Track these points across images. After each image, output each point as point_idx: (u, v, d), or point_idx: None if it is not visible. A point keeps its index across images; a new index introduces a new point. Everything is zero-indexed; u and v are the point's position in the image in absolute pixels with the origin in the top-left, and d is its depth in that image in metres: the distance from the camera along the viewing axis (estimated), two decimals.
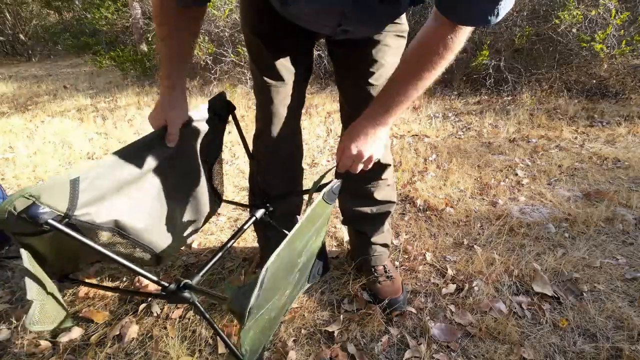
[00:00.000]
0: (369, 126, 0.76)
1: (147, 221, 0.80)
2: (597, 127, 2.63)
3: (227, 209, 1.70)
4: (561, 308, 1.09)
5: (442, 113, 3.11)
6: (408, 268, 1.27)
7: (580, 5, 3.20)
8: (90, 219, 0.66)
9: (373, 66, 0.89)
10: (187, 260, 1.34)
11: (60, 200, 0.59)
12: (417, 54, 0.70)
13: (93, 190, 0.64)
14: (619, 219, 1.50)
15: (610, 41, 3.13)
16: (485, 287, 1.16)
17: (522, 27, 3.53)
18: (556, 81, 3.41)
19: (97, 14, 5.31)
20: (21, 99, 4.15)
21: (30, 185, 0.53)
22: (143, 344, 1.00)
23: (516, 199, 1.71)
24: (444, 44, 0.66)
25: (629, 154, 2.13)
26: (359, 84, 0.91)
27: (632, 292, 1.13)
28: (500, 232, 1.45)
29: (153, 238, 0.82)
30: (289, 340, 1.00)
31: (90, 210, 0.65)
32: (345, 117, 1.03)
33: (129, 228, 0.75)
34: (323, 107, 3.36)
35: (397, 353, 0.97)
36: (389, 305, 1.07)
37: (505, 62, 3.54)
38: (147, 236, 0.80)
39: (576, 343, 0.97)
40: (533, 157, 2.18)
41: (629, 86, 3.24)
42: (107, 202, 0.69)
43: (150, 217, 0.81)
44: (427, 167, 2.07)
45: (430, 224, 1.54)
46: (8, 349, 0.99)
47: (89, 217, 0.65)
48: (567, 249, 1.34)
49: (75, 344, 1.00)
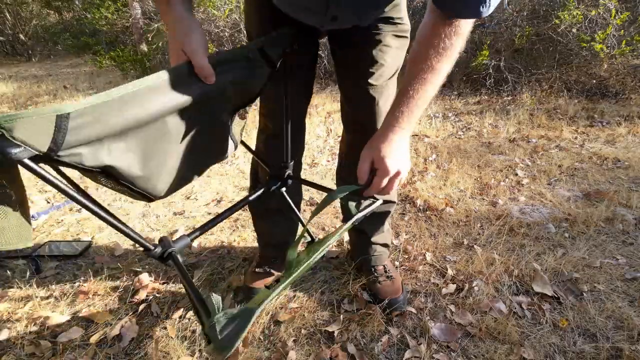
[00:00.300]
0: (393, 135, 0.72)
1: (148, 169, 0.69)
2: (597, 127, 2.63)
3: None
4: (561, 308, 1.09)
5: (442, 113, 3.11)
6: (408, 268, 1.27)
7: (580, 5, 3.20)
8: (78, 160, 0.54)
9: (373, 66, 0.89)
10: (187, 260, 1.34)
11: (40, 136, 0.48)
12: (420, 52, 0.70)
13: (88, 129, 0.53)
14: (619, 219, 1.50)
15: (610, 41, 3.13)
16: (485, 287, 1.16)
17: (522, 27, 3.53)
18: (556, 81, 3.41)
19: (97, 14, 5.31)
20: (21, 99, 4.15)
21: (9, 114, 0.44)
22: (143, 344, 1.00)
23: (516, 199, 1.71)
24: (442, 38, 0.65)
25: (629, 154, 2.13)
26: (359, 83, 0.92)
27: (632, 292, 1.13)
28: (500, 232, 1.45)
29: (150, 185, 0.71)
30: (289, 340, 1.00)
31: (82, 151, 0.54)
32: (345, 117, 1.03)
33: (125, 175, 0.64)
34: (323, 107, 3.36)
35: (397, 353, 0.97)
36: (389, 305, 1.07)
37: (505, 62, 3.54)
38: (143, 184, 0.69)
39: (576, 343, 0.97)
40: (533, 157, 2.18)
41: (629, 86, 3.24)
42: (104, 145, 0.57)
43: (152, 165, 0.69)
44: (427, 167, 2.07)
45: (430, 224, 1.54)
46: (8, 349, 0.99)
47: (77, 159, 0.54)
48: (567, 249, 1.34)
49: (75, 344, 1.00)
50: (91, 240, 1.46)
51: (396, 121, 0.72)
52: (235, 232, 1.52)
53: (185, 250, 1.41)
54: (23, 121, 0.46)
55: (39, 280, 1.24)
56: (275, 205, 1.11)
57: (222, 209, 1.70)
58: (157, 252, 0.67)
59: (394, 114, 0.72)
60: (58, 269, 1.31)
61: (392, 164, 0.71)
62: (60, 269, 1.31)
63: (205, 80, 0.65)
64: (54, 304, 1.15)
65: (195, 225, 1.57)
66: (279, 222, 1.16)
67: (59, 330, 1.04)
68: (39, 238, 1.50)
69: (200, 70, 0.63)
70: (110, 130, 0.56)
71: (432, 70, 0.69)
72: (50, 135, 0.48)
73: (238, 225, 1.57)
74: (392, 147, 0.71)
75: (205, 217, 1.64)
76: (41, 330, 1.04)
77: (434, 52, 0.67)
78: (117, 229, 0.62)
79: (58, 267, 1.32)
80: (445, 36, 0.65)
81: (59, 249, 1.40)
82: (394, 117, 0.72)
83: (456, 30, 0.65)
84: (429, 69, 0.68)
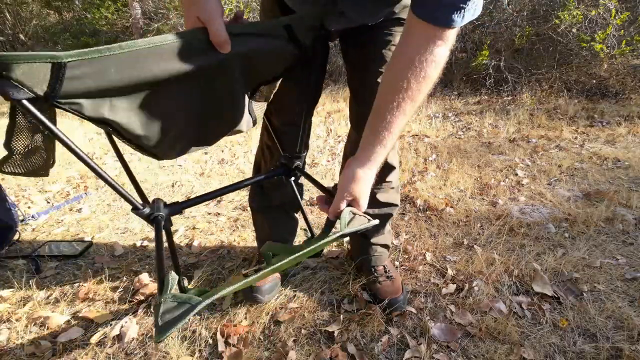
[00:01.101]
0: (364, 173, 0.69)
1: (151, 131, 0.66)
2: (597, 127, 2.63)
3: (227, 209, 1.70)
4: (561, 308, 1.09)
5: (442, 113, 3.11)
6: (408, 268, 1.27)
7: (580, 5, 3.20)
8: (77, 109, 0.54)
9: (382, 66, 0.89)
10: (187, 260, 1.34)
11: (37, 80, 0.48)
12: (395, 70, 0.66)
13: (87, 81, 0.52)
14: (619, 219, 1.50)
15: (610, 41, 3.14)
16: (485, 287, 1.16)
17: (522, 27, 3.53)
18: (556, 81, 3.41)
19: (97, 14, 5.32)
20: None
21: (5, 53, 0.45)
22: (143, 344, 1.00)
23: (516, 199, 1.71)
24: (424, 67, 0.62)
25: (629, 154, 2.13)
26: (368, 83, 0.92)
27: (632, 292, 1.13)
28: (500, 232, 1.45)
29: (152, 143, 0.68)
30: (289, 340, 1.00)
31: (82, 102, 0.54)
32: (355, 116, 1.03)
33: (125, 130, 0.62)
34: (323, 107, 3.36)
35: (397, 353, 0.97)
36: (389, 305, 1.07)
37: (505, 62, 3.54)
38: (145, 142, 0.66)
39: (576, 343, 0.97)
40: (533, 157, 2.18)
41: (629, 86, 3.24)
42: (106, 100, 0.56)
43: (155, 127, 0.66)
44: (427, 167, 2.07)
45: (430, 224, 1.54)
46: (8, 349, 0.99)
47: (76, 107, 0.54)
48: (567, 249, 1.34)
49: (75, 344, 1.00)
50: (91, 240, 1.46)
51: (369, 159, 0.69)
52: (235, 232, 1.52)
53: (184, 252, 1.41)
54: (20, 64, 0.45)
55: (39, 280, 1.24)
56: (277, 202, 1.11)
57: (222, 209, 1.70)
58: (145, 212, 0.66)
59: (369, 148, 0.69)
60: (58, 269, 1.31)
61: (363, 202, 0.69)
62: (60, 269, 1.31)
63: (220, 49, 0.60)
64: (54, 304, 1.15)
65: (195, 225, 1.57)
66: (279, 220, 1.16)
67: (59, 330, 1.04)
68: (39, 238, 1.50)
69: (216, 37, 0.58)
70: (110, 86, 0.54)
71: (411, 100, 0.65)
72: (46, 80, 0.48)
73: (238, 225, 1.57)
74: (363, 188, 0.69)
75: (205, 217, 1.64)
76: (41, 330, 1.04)
77: (414, 82, 0.63)
78: (107, 182, 0.61)
79: (58, 267, 1.32)
80: (427, 64, 0.62)
81: (59, 249, 1.40)
82: (368, 152, 0.69)
83: (437, 59, 0.63)
84: (408, 99, 0.65)
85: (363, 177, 0.68)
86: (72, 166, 2.26)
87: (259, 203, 1.16)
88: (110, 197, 1.84)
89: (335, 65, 4.35)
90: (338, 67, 4.34)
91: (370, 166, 0.69)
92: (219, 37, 0.58)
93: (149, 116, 0.63)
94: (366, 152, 0.69)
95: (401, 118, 0.66)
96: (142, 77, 0.57)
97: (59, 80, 0.49)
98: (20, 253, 1.39)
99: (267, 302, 1.12)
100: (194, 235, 1.50)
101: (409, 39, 0.65)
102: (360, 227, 0.63)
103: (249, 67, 0.71)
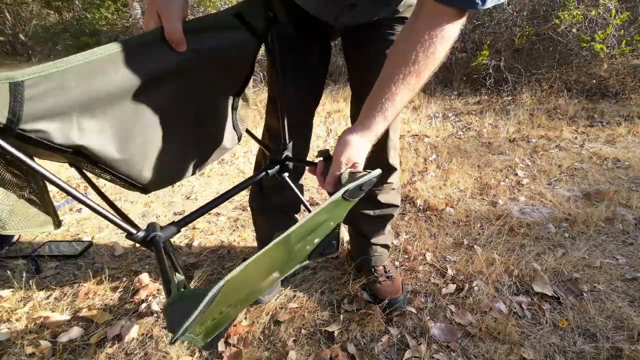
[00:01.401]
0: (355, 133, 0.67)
1: (127, 152, 0.62)
2: (597, 127, 2.63)
3: (227, 209, 1.70)
4: (561, 308, 1.09)
5: (442, 113, 3.11)
6: (408, 268, 1.27)
7: (580, 5, 3.20)
8: (46, 137, 0.50)
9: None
10: (187, 260, 1.34)
11: None
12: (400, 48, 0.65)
13: (48, 100, 0.48)
14: (619, 219, 1.50)
15: (610, 41, 3.14)
16: (485, 287, 1.16)
17: (522, 27, 3.53)
18: (556, 81, 3.41)
19: (97, 14, 5.32)
20: None
21: None
22: (143, 344, 1.00)
23: (516, 199, 1.71)
24: (433, 41, 0.62)
25: (629, 154, 2.13)
26: (369, 82, 0.92)
27: (632, 292, 1.13)
28: (500, 232, 1.45)
29: (134, 170, 0.65)
30: (289, 340, 1.00)
31: (48, 127, 0.50)
32: (355, 116, 1.03)
33: (101, 157, 0.58)
34: (323, 107, 3.36)
35: (397, 353, 0.97)
36: (389, 305, 1.07)
37: (505, 62, 3.54)
38: (125, 169, 0.63)
39: (576, 343, 0.97)
40: (533, 157, 2.18)
41: (629, 86, 3.24)
42: (73, 121, 0.52)
43: (132, 147, 0.62)
44: (427, 167, 2.07)
45: (430, 224, 1.54)
46: (8, 349, 0.99)
47: (43, 135, 0.50)
48: (567, 249, 1.34)
49: (75, 344, 1.00)
50: (91, 240, 1.46)
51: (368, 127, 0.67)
52: (235, 232, 1.52)
53: (184, 252, 1.41)
54: None
55: (39, 280, 1.24)
56: (277, 202, 1.11)
57: (222, 209, 1.70)
58: (139, 235, 0.64)
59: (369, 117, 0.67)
60: (58, 269, 1.31)
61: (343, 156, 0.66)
62: (60, 269, 1.31)
63: (175, 47, 0.58)
64: (54, 304, 1.15)
65: (195, 225, 1.57)
66: (279, 221, 1.16)
67: (59, 330, 1.04)
68: (39, 238, 1.50)
69: (170, 35, 0.56)
70: (73, 103, 0.51)
71: (417, 75, 0.64)
72: (7, 105, 0.45)
73: (238, 225, 1.57)
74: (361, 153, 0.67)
75: (205, 218, 1.64)
76: (41, 330, 1.04)
77: (422, 56, 0.63)
78: (97, 212, 0.57)
79: (58, 267, 1.32)
80: (437, 40, 0.62)
81: (59, 249, 1.40)
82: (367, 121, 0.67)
83: (447, 36, 0.62)
84: (414, 72, 0.64)
85: (360, 144, 0.66)
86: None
87: (259, 204, 1.16)
88: (110, 197, 1.83)
89: (335, 65, 4.35)
90: (338, 67, 4.33)
91: (368, 135, 0.67)
92: (173, 33, 0.56)
93: (123, 135, 0.60)
94: (366, 121, 0.67)
95: (405, 91, 0.65)
96: (104, 88, 0.53)
97: (18, 102, 0.45)
98: (20, 253, 1.39)
99: (267, 302, 1.12)
100: (194, 235, 1.50)
101: (421, 13, 0.64)
102: (365, 179, 0.60)
103: (216, 66, 0.69)
